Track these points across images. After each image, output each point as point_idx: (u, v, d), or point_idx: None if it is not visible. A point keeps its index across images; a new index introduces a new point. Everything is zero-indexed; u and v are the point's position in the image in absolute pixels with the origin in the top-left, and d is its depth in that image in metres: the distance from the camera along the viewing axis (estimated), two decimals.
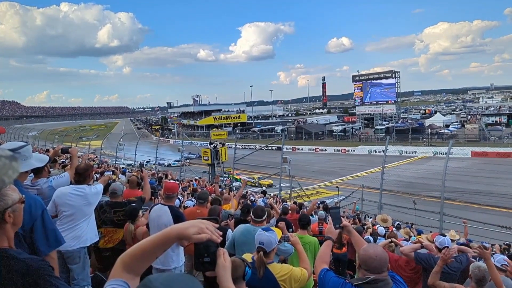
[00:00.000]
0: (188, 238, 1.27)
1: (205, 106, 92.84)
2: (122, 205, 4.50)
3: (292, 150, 49.47)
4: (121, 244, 4.45)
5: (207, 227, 1.29)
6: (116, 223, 4.48)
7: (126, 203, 4.52)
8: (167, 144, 57.27)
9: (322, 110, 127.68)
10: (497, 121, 57.70)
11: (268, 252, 2.67)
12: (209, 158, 22.49)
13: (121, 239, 4.47)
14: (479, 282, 3.14)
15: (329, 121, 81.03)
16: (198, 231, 1.27)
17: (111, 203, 4.49)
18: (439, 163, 19.27)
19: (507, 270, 3.61)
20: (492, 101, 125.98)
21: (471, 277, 3.22)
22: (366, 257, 2.05)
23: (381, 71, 69.41)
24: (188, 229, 1.27)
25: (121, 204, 4.52)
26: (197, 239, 1.26)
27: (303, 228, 4.76)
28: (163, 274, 1.13)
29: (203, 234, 1.26)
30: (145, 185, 4.84)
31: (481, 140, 44.95)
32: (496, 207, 19.62)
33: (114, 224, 4.47)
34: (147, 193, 4.72)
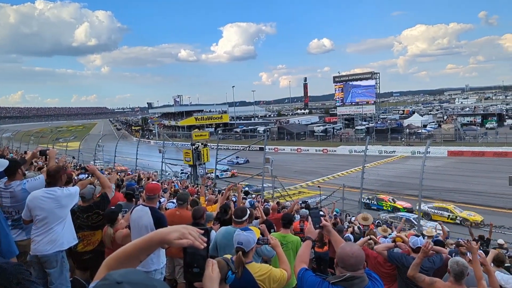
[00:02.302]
0: (170, 243, 1.28)
1: (186, 107, 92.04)
2: (92, 209, 4.44)
3: (274, 150, 49.68)
4: (102, 245, 4.39)
5: (190, 232, 1.29)
6: (93, 226, 4.43)
7: (93, 206, 4.46)
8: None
9: (303, 110, 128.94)
10: (472, 121, 59.78)
11: (247, 252, 2.68)
12: (190, 159, 22.29)
13: (100, 240, 4.41)
14: (457, 277, 3.22)
15: (310, 122, 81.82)
16: (180, 236, 1.27)
17: (82, 208, 4.44)
18: (417, 162, 19.79)
19: (482, 264, 3.73)
20: (467, 101, 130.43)
21: (449, 272, 3.30)
22: (343, 255, 2.08)
23: (361, 72, 70.74)
24: (170, 234, 1.28)
25: (91, 207, 4.45)
26: (178, 244, 1.27)
27: (285, 227, 4.77)
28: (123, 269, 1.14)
29: (185, 240, 1.27)
30: (99, 178, 4.69)
31: (457, 139, 46.48)
32: (471, 204, 20.29)
33: (91, 227, 4.43)
34: (104, 186, 4.59)
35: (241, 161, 39.42)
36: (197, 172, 22.68)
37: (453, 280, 3.26)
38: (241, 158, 40.10)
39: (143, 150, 27.45)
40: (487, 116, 61.14)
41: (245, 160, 40.00)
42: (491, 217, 17.08)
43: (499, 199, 17.50)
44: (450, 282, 3.29)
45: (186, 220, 4.48)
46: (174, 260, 4.99)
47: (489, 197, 18.90)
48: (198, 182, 20.92)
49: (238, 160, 39.31)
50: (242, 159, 40.03)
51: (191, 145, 23.32)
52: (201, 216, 4.28)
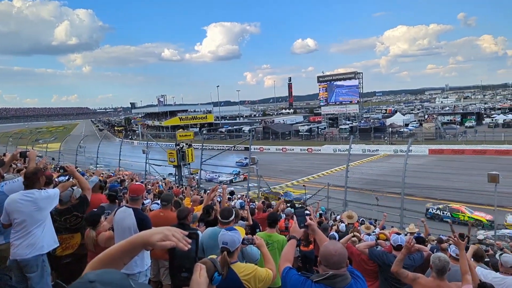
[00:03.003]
0: (153, 245, 1.26)
1: (170, 107, 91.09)
2: (70, 211, 4.34)
3: (260, 150, 49.75)
4: (81, 249, 4.29)
5: (173, 234, 1.28)
6: (71, 229, 4.32)
7: (71, 209, 4.36)
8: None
9: (288, 110, 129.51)
10: (452, 120, 61.34)
11: (232, 252, 2.67)
12: (175, 159, 22.08)
13: (80, 243, 4.31)
14: (439, 272, 3.29)
15: (295, 121, 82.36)
16: (163, 238, 1.26)
17: (60, 211, 4.33)
18: (399, 161, 20.15)
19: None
20: (447, 101, 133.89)
21: (431, 268, 3.38)
22: (326, 253, 2.09)
23: (345, 72, 71.51)
24: (153, 236, 1.27)
25: (69, 210, 4.35)
26: (161, 246, 1.25)
27: (271, 227, 4.78)
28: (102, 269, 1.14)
29: (168, 242, 1.25)
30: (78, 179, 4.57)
31: (438, 138, 47.61)
32: (452, 201, 20.81)
33: (69, 230, 4.31)
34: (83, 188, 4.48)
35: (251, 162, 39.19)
36: (182, 172, 22.48)
37: (435, 275, 3.33)
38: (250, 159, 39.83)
39: (127, 151, 27.06)
40: (466, 115, 62.78)
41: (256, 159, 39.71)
42: None
43: (478, 196, 17.96)
44: (433, 277, 3.36)
45: (171, 221, 4.43)
46: (159, 262, 4.95)
47: (469, 194, 19.40)
48: (183, 183, 20.75)
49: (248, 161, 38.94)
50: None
51: (175, 145, 23.10)
52: (185, 216, 4.24)
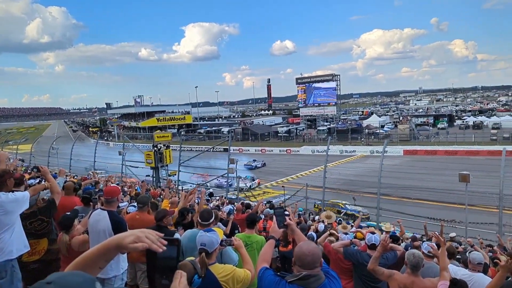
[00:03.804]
0: (125, 247, 1.24)
1: (147, 107, 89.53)
2: (35, 215, 4.18)
3: (239, 151, 49.68)
4: (49, 254, 4.13)
5: (146, 236, 1.26)
6: (37, 234, 4.14)
7: (37, 212, 4.19)
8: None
9: (267, 111, 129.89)
10: (425, 122, 63.35)
11: (210, 253, 2.66)
12: (152, 161, 21.72)
13: (47, 249, 4.15)
14: (413, 268, 3.40)
15: (274, 122, 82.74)
16: (135, 240, 1.24)
17: (25, 215, 4.13)
18: (375, 161, 20.63)
19: (433, 256, 3.95)
20: (420, 103, 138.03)
21: (406, 264, 3.48)
22: (300, 253, 2.11)
23: (323, 74, 72.59)
24: (126, 238, 1.25)
25: (34, 213, 4.19)
26: (133, 248, 1.23)
27: (249, 228, 4.78)
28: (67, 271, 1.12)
29: (140, 243, 1.23)
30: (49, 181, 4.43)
31: (412, 139, 49.07)
32: (425, 200, 21.48)
33: (35, 235, 4.12)
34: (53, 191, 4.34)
35: (259, 165, 38.63)
36: (160, 174, 22.14)
37: (410, 271, 3.43)
38: (258, 161, 39.41)
39: (102, 152, 26.41)
40: (439, 117, 65.08)
41: (262, 163, 39.21)
42: (444, 212, 18.18)
43: (450, 195, 18.59)
44: (407, 273, 3.46)
45: (147, 224, 4.35)
46: (136, 266, 4.85)
47: (442, 193, 20.08)
48: (160, 184, 20.44)
49: (256, 164, 38.49)
50: (259, 162, 39.22)
51: (153, 146, 22.72)
52: (162, 217, 4.17)
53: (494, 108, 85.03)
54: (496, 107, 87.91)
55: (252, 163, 38.28)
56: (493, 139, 43.18)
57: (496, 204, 13.21)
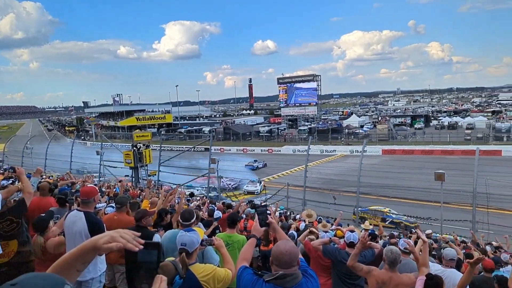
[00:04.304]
0: (100, 249, 1.23)
1: (126, 106, 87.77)
2: (4, 215, 4.02)
3: (220, 151, 49.46)
4: (19, 257, 3.97)
5: (121, 235, 1.24)
6: (6, 235, 3.98)
7: (6, 213, 4.04)
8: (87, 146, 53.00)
9: (249, 111, 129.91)
10: (402, 122, 64.93)
11: (190, 253, 2.65)
12: (131, 161, 21.34)
13: (16, 251, 3.99)
14: (391, 264, 3.49)
15: (256, 122, 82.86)
16: (109, 240, 1.22)
17: None
18: (355, 161, 20.98)
19: (410, 252, 4.05)
20: (398, 103, 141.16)
21: (384, 260, 3.56)
22: (277, 252, 2.11)
23: (304, 75, 73.19)
24: (100, 239, 1.24)
25: (2, 214, 4.03)
26: (107, 249, 1.22)
27: (231, 227, 4.77)
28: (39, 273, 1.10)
29: (114, 243, 1.22)
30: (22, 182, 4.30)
31: (390, 139, 50.22)
32: (403, 198, 22.04)
33: (3, 237, 3.96)
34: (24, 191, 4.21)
35: (261, 165, 37.87)
36: (139, 174, 21.78)
37: (387, 267, 3.52)
38: (259, 162, 38.68)
39: (79, 152, 25.74)
40: (416, 117, 66.80)
41: (263, 163, 38.51)
42: (420, 210, 18.70)
43: (426, 193, 19.11)
44: (385, 269, 3.55)
45: (125, 224, 4.27)
46: (114, 267, 4.76)
47: (418, 192, 20.62)
48: (140, 184, 20.12)
49: (258, 164, 37.73)
50: (261, 163, 38.51)
51: (132, 146, 22.31)
52: (141, 218, 4.09)
53: (468, 109, 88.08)
54: (470, 108, 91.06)
55: (254, 164, 37.64)
56: (467, 139, 44.76)
57: (469, 202, 13.69)
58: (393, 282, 3.46)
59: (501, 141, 43.31)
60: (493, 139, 44.46)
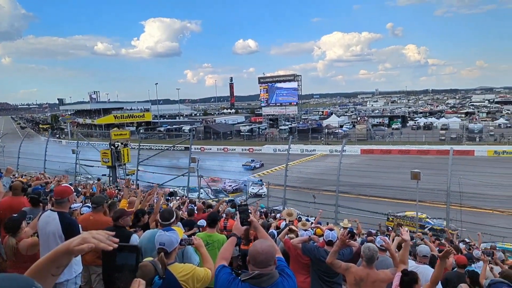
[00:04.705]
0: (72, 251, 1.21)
1: (104, 104, 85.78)
2: None
3: (201, 150, 49.13)
4: None
5: (93, 236, 1.23)
6: None
7: None
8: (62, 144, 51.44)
9: (230, 110, 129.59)
10: (380, 122, 66.38)
11: (169, 253, 2.63)
12: (109, 160, 20.88)
13: None
14: (369, 260, 3.57)
15: (237, 121, 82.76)
16: (80, 241, 1.21)
17: None
18: (334, 160, 21.22)
19: (385, 249, 4.15)
20: (377, 104, 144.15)
21: (362, 257, 3.65)
22: (254, 252, 2.12)
23: (285, 74, 73.56)
24: (73, 242, 1.22)
25: None
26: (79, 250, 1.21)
27: (210, 227, 4.75)
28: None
29: (85, 245, 1.20)
30: None
31: (368, 139, 51.26)
32: (381, 197, 22.53)
33: None
34: None
35: (258, 165, 37.38)
36: (117, 173, 21.35)
37: (365, 264, 3.61)
38: (256, 161, 38.19)
39: (54, 150, 24.96)
40: (393, 118, 68.34)
41: (260, 163, 38.03)
42: (397, 208, 19.16)
43: (403, 192, 19.60)
44: (363, 266, 3.64)
45: (101, 225, 4.16)
46: (90, 268, 4.65)
47: (395, 190, 21.13)
48: (117, 184, 19.72)
49: (255, 164, 37.23)
50: (258, 163, 38.02)
51: (109, 145, 21.83)
52: (119, 217, 4.00)
53: (443, 110, 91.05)
54: (444, 109, 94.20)
55: (251, 163, 37.23)
56: (442, 139, 46.27)
57: (444, 200, 14.11)
58: (370, 279, 3.53)
59: (473, 141, 44.93)
60: (466, 139, 46.08)
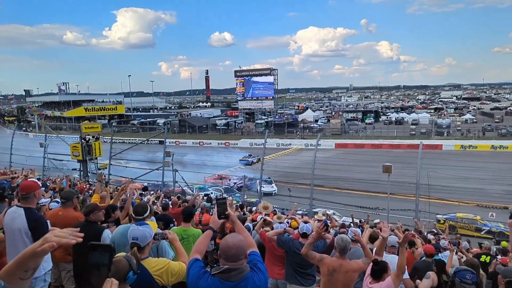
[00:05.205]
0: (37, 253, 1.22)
1: (74, 96, 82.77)
2: None
3: (176, 143, 48.48)
4: None
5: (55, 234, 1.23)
6: None
7: None
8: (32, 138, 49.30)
9: (205, 103, 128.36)
10: (354, 117, 67.80)
11: (142, 247, 2.59)
12: (79, 153, 20.22)
13: None
14: (342, 251, 3.68)
15: (212, 115, 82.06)
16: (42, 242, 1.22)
17: None
18: (309, 154, 21.53)
19: (357, 241, 4.27)
20: (351, 99, 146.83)
21: (335, 248, 3.75)
22: (225, 246, 2.12)
23: (261, 68, 73.67)
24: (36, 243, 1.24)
25: None
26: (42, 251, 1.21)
27: (186, 221, 4.71)
28: None
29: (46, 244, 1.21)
30: None
31: (343, 133, 52.29)
32: (354, 190, 23.09)
33: None
34: None
35: (255, 160, 35.90)
36: (88, 168, 20.73)
37: (338, 255, 3.72)
38: (253, 156, 36.88)
39: (21, 144, 23.91)
40: (366, 113, 70.01)
41: (257, 158, 36.09)
42: (369, 201, 19.66)
43: (375, 185, 20.19)
44: (336, 257, 3.75)
45: (71, 220, 4.02)
46: (60, 265, 4.51)
47: (368, 183, 21.73)
48: (88, 178, 19.17)
49: (253, 159, 35.97)
50: (255, 157, 36.55)
51: (80, 138, 21.12)
52: (90, 212, 3.88)
53: (413, 106, 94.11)
54: (415, 105, 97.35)
55: (248, 158, 36.25)
56: (412, 134, 47.90)
57: (413, 193, 14.65)
58: (343, 269, 3.64)
59: (442, 136, 46.77)
60: (435, 134, 47.87)
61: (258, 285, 2.14)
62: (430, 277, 4.10)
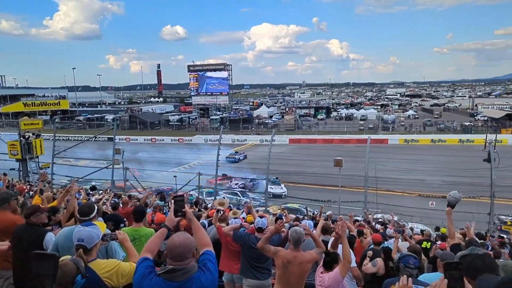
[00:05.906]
0: None
1: (11, 90, 76.39)
2: None
3: (126, 140, 46.69)
4: None
5: None
6: None
7: None
8: None
9: (157, 99, 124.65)
10: (307, 113, 69.67)
11: (89, 249, 2.45)
12: (18, 152, 18.71)
13: None
14: (296, 243, 3.76)
15: (165, 111, 79.90)
16: None
17: None
18: (264, 149, 21.76)
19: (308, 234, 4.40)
20: (304, 96, 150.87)
21: (289, 240, 3.82)
22: (171, 245, 2.07)
23: (215, 63, 73.00)
24: None
25: None
26: None
27: (138, 221, 4.55)
28: None
29: None
30: None
31: (296, 129, 53.58)
32: (307, 184, 23.74)
33: None
34: None
35: (242, 157, 34.93)
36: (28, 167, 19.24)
37: (292, 247, 3.79)
38: (240, 153, 35.66)
39: None
40: (319, 109, 72.46)
41: (244, 155, 35.65)
42: (322, 194, 20.33)
43: (327, 178, 20.87)
44: (290, 249, 3.82)
45: (8, 224, 3.70)
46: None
47: (320, 177, 22.42)
48: (29, 179, 17.83)
49: (240, 156, 34.70)
50: (242, 155, 35.57)
51: (19, 135, 19.51)
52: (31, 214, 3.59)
53: (361, 102, 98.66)
54: (363, 102, 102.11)
55: (235, 156, 34.93)
56: (361, 129, 50.36)
57: (362, 185, 15.37)
58: (297, 260, 3.72)
59: (387, 131, 49.70)
60: (381, 129, 50.73)
61: (205, 286, 2.09)
62: (378, 264, 4.36)
